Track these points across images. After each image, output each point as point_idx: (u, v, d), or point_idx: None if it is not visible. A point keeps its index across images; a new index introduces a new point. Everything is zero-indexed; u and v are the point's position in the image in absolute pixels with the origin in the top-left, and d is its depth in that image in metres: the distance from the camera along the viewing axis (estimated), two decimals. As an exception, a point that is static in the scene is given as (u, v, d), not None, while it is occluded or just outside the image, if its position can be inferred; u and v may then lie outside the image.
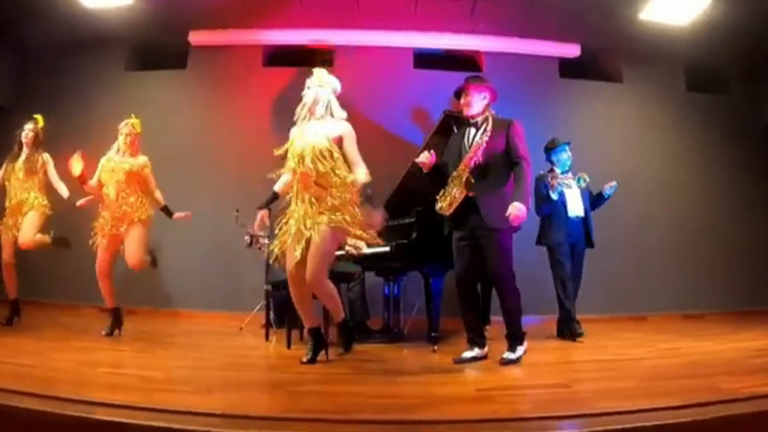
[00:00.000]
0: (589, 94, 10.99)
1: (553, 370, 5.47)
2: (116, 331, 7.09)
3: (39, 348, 5.85)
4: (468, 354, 5.73)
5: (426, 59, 10.84)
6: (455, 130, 7.08)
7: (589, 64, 10.98)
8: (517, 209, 5.32)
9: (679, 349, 6.53)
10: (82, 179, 7.05)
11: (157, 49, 10.78)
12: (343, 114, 5.75)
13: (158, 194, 7.31)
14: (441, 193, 5.77)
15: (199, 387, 4.35)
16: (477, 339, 5.83)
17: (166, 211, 7.34)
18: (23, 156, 7.68)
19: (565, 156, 7.85)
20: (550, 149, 7.88)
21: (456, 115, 7.18)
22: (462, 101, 5.88)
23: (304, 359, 5.51)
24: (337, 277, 7.07)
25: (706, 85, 11.39)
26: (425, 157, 5.80)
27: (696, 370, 5.05)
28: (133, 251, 7.03)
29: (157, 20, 9.95)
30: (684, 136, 11.08)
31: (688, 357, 5.89)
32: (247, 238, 8.13)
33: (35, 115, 7.84)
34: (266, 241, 7.52)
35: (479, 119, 5.79)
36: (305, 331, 6.49)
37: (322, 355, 5.66)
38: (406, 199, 7.28)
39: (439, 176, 5.86)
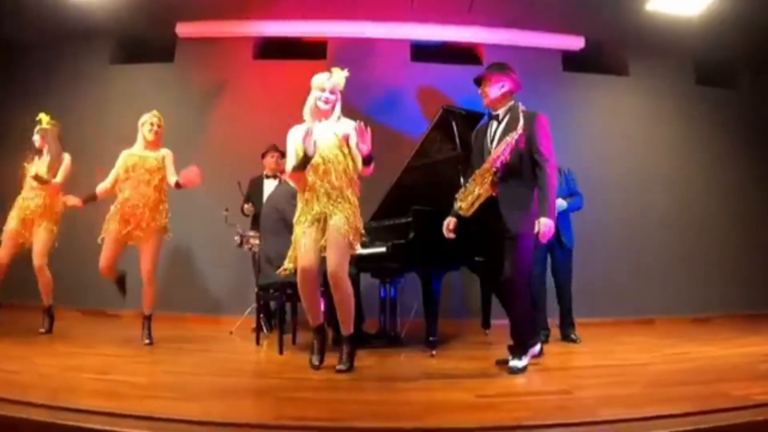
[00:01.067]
0: (593, 88, 11.02)
1: (555, 376, 5.49)
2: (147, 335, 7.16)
3: (23, 353, 5.86)
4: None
5: (423, 52, 10.86)
6: (455, 127, 7.10)
7: (593, 56, 11.00)
8: (544, 226, 5.26)
9: (686, 353, 6.55)
10: (86, 202, 7.12)
11: (143, 42, 10.78)
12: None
13: (172, 179, 7.29)
14: (461, 192, 5.65)
15: (187, 393, 4.36)
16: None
17: (177, 184, 7.30)
18: (45, 160, 7.71)
19: None
20: None
21: (456, 111, 7.20)
22: (480, 90, 5.78)
23: (317, 362, 5.56)
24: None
25: (715, 79, 11.40)
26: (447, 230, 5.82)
27: (703, 376, 5.08)
28: (145, 263, 7.09)
29: (143, 11, 9.96)
30: (692, 131, 11.10)
31: (695, 362, 5.91)
32: (237, 238, 8.13)
33: (39, 116, 7.82)
34: (257, 241, 7.54)
35: (500, 112, 5.69)
36: (295, 335, 6.59)
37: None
38: (403, 197, 7.31)
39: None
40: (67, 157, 7.73)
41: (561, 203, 7.65)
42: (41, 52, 10.62)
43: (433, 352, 6.43)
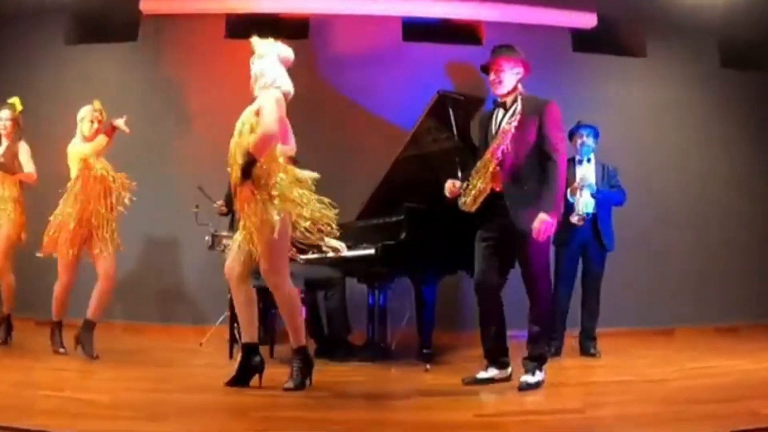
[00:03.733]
0: (606, 71, 10.97)
1: (566, 392, 5.50)
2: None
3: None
4: (483, 374, 5.71)
5: (416, 30, 10.79)
6: (451, 114, 7.10)
7: (606, 36, 10.98)
8: (542, 223, 5.27)
9: (710, 368, 6.57)
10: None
11: (102, 19, 10.68)
12: (276, 83, 5.76)
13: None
14: (464, 187, 5.65)
15: (152, 412, 4.36)
16: (496, 357, 5.77)
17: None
18: (1, 149, 7.69)
19: (579, 141, 7.90)
20: (571, 133, 7.93)
21: (453, 96, 7.20)
22: (492, 77, 5.73)
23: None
24: (312, 284, 7.09)
25: (743, 61, 11.33)
26: (449, 191, 5.77)
27: (729, 393, 5.09)
28: (104, 262, 7.12)
29: (102, -16, 9.93)
30: (717, 119, 11.04)
31: (721, 377, 5.93)
32: (208, 238, 8.09)
33: (10, 100, 7.82)
34: (231, 242, 7.54)
35: (509, 99, 5.69)
36: (273, 347, 6.62)
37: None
38: (394, 194, 7.29)
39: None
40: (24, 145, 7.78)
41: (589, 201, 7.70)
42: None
43: (428, 366, 6.45)
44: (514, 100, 5.65)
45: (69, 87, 9.86)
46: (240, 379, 5.43)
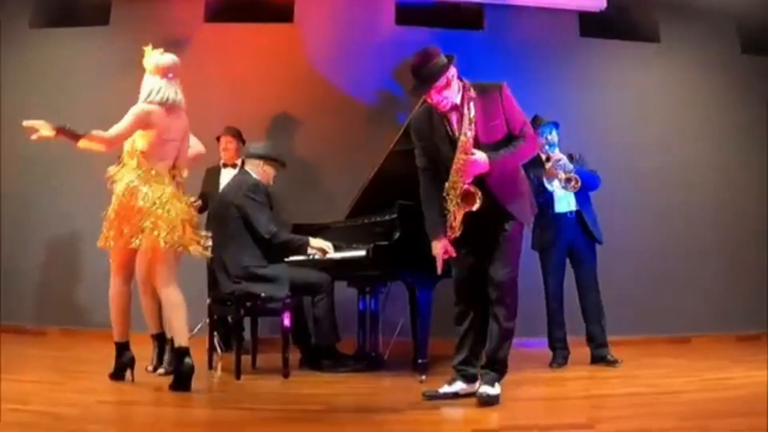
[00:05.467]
0: (616, 57, 10.96)
1: (572, 405, 5.50)
2: None
3: None
4: (446, 389, 5.64)
5: (411, 13, 10.77)
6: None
7: (617, 18, 10.96)
8: (481, 156, 5.22)
9: (730, 379, 6.56)
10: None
11: (70, 1, 10.68)
12: (149, 97, 6.63)
13: None
14: (448, 221, 5.49)
15: (128, 426, 4.36)
16: (462, 369, 5.71)
17: None
18: None
19: (543, 142, 7.82)
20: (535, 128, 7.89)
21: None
22: (436, 101, 5.48)
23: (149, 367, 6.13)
24: (298, 288, 7.07)
25: (765, 47, 11.37)
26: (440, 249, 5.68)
27: (751, 406, 5.08)
28: None
29: (70, -36, 9.91)
30: (737, 109, 11.01)
31: (742, 389, 5.91)
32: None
33: None
34: (209, 242, 7.52)
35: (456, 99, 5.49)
36: (255, 356, 6.64)
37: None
38: (386, 190, 7.26)
39: None
40: None
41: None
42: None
43: (423, 378, 6.45)
44: (461, 97, 5.46)
45: (33, 74, 9.83)
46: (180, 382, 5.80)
